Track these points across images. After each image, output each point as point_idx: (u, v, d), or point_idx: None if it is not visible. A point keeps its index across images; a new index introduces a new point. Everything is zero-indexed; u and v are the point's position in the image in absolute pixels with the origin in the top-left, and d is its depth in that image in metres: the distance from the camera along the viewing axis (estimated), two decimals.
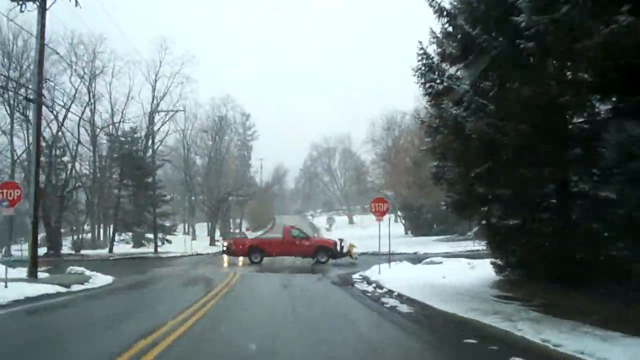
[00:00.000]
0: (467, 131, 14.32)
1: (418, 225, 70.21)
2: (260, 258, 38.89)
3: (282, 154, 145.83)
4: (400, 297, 19.08)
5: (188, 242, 54.74)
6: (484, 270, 22.86)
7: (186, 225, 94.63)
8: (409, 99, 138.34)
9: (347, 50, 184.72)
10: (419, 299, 17.86)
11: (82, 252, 50.95)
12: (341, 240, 41.99)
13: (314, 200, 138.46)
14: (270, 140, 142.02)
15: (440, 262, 31.57)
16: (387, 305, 17.23)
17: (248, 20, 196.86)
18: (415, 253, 45.65)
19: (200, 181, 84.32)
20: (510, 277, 20.72)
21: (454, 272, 25.07)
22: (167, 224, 60.33)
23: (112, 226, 54.26)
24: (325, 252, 38.79)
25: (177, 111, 54.59)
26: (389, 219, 32.52)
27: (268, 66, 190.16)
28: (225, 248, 48.14)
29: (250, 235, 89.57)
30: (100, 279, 25.88)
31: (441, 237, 59.61)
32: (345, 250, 40.63)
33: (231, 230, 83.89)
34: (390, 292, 20.95)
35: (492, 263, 21.67)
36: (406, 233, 75.16)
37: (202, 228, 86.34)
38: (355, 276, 28.27)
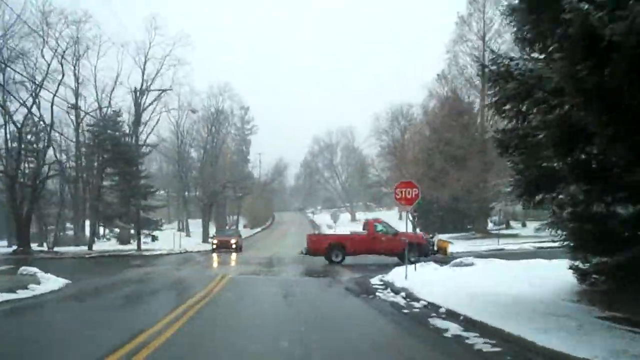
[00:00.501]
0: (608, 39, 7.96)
1: (428, 223, 63.89)
2: (342, 257, 33.00)
3: (282, 150, 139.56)
4: (455, 317, 12.99)
5: (179, 238, 48.48)
6: (543, 275, 18.25)
7: (180, 222, 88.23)
8: (413, 91, 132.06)
9: (348, 42, 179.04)
10: (488, 321, 11.71)
11: (58, 249, 44.76)
12: (431, 236, 36.82)
13: (315, 197, 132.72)
14: (270, 136, 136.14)
15: (472, 264, 25.72)
16: (447, 334, 11.15)
17: (246, 11, 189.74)
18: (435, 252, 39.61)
19: (195, 175, 77.93)
20: (599, 286, 14.75)
21: (498, 276, 19.95)
22: (154, 218, 53.97)
23: (93, 220, 47.79)
24: (418, 250, 31.54)
25: (164, 90, 48.33)
26: (405, 214, 26.58)
27: (267, 60, 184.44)
28: (214, 246, 42.38)
29: (247, 233, 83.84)
30: (50, 284, 20.31)
31: (456, 234, 53.40)
32: (435, 247, 34.92)
33: (227, 227, 77.26)
34: (433, 307, 14.93)
35: (572, 267, 15.59)
36: (414, 231, 68.75)
37: (197, 225, 79.84)
38: (374, 281, 22.41)
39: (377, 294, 18.78)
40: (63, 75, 44.85)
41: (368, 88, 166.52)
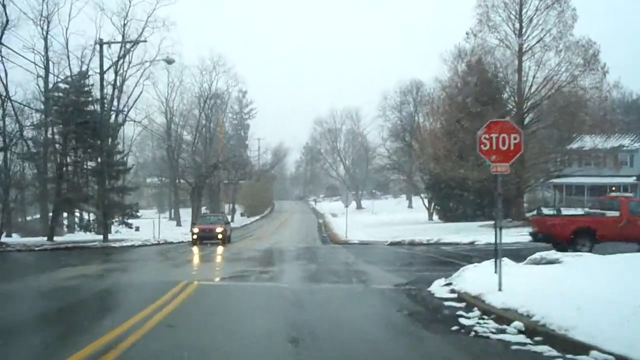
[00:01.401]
0: None
1: (448, 209, 54.58)
2: (590, 246, 22.87)
3: (282, 135, 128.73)
4: None
5: (158, 228, 39.02)
6: None
7: (172, 210, 78.57)
8: (424, 70, 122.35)
9: (353, 19, 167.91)
10: None
11: (8, 240, 35.50)
12: None
13: (317, 185, 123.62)
14: (270, 120, 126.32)
15: (558, 260, 16.77)
16: None
17: None
18: (472, 243, 31.14)
19: (186, 157, 68.36)
20: None
21: (617, 279, 12.48)
22: (132, 203, 44.48)
23: (55, 205, 37.97)
24: None
25: (135, 42, 38.64)
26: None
27: (266, 38, 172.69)
28: (194, 237, 32.79)
29: (244, 221, 74.35)
30: None
31: (482, 222, 44.21)
32: None
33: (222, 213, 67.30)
34: None
35: None
36: (430, 219, 59.77)
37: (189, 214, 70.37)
38: (437, 290, 13.92)
39: (462, 321, 9.91)
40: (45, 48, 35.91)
41: (374, 68, 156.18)
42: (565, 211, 54.02)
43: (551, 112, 41.61)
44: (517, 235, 34.02)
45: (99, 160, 35.81)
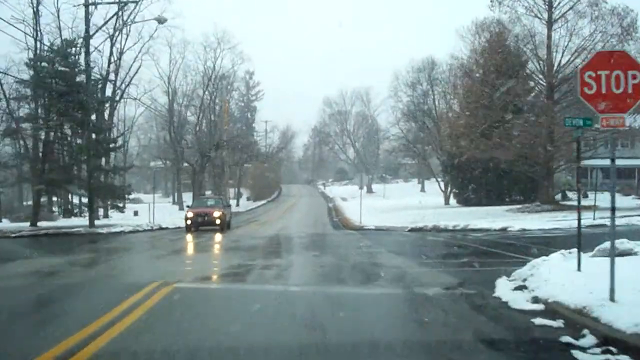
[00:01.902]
0: None
1: (467, 192, 50.38)
2: None
3: (289, 117, 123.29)
4: None
5: (155, 211, 35.00)
6: None
7: (175, 194, 74.37)
8: (436, 48, 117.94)
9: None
10: None
11: None
12: None
13: (325, 169, 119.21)
14: (277, 101, 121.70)
15: (633, 251, 13.58)
16: None
17: None
18: (505, 230, 26.92)
19: (190, 140, 64.22)
20: None
21: None
22: (126, 184, 40.39)
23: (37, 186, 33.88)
24: None
25: (127, 1, 34.31)
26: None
27: (272, 14, 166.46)
28: (188, 222, 28.51)
29: (250, 205, 70.43)
30: None
31: (514, 206, 39.90)
32: None
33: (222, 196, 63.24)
34: None
35: None
36: (447, 203, 55.66)
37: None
38: (510, 297, 9.71)
39: (578, 357, 5.65)
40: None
41: (384, 47, 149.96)
42: (591, 195, 50.30)
43: None
44: (553, 220, 30.11)
45: (86, 135, 31.71)
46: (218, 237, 25.35)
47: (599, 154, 41.46)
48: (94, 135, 32.82)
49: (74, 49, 34.28)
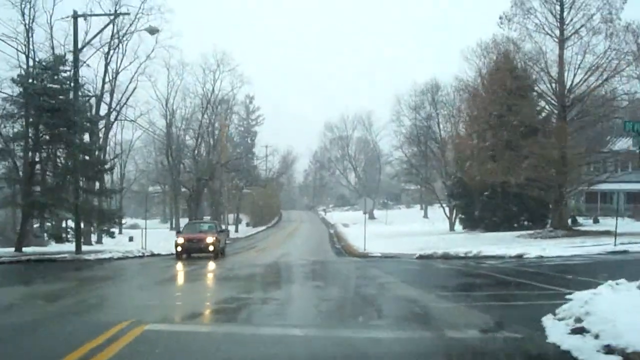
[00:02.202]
0: None
1: (473, 218, 48.21)
2: None
3: (290, 142, 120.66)
4: None
5: (154, 236, 32.98)
6: None
7: (173, 220, 72.16)
8: (439, 72, 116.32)
9: (364, 22, 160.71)
10: None
11: None
12: None
13: (326, 195, 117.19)
14: (277, 126, 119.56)
15: None
16: None
17: None
18: (521, 257, 24.53)
19: (187, 164, 62.25)
20: None
21: None
22: (115, 208, 38.28)
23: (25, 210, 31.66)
24: None
25: (117, 14, 32.50)
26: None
27: (274, 44, 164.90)
28: (179, 248, 26.32)
29: (249, 231, 68.21)
30: None
31: (525, 232, 37.67)
32: None
33: (222, 227, 60.84)
34: None
35: None
36: (452, 229, 53.50)
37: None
38: (568, 340, 7.49)
39: None
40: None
41: (386, 72, 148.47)
42: (602, 220, 48.16)
43: (599, 106, 35.37)
44: (571, 246, 27.95)
45: (74, 156, 29.63)
46: (211, 265, 23.02)
47: (614, 178, 39.59)
48: (84, 157, 30.68)
49: (64, 66, 32.31)
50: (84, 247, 33.88)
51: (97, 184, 38.24)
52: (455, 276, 17.85)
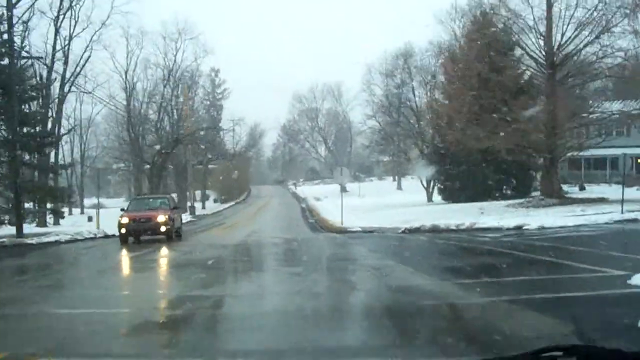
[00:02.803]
0: None
1: (451, 188, 45.15)
2: None
3: (258, 115, 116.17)
4: None
5: (114, 216, 29.02)
6: None
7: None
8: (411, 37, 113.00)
9: None
10: None
11: None
12: None
13: (296, 169, 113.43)
14: (244, 98, 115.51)
15: None
16: None
17: None
18: (520, 228, 22.10)
19: (151, 139, 58.12)
20: None
21: None
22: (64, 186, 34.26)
23: None
24: None
25: None
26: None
27: (239, 10, 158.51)
28: (122, 230, 21.61)
29: (216, 207, 64.56)
30: None
31: (515, 201, 34.63)
32: None
33: (189, 203, 56.85)
34: None
35: None
36: (430, 200, 50.51)
37: None
38: None
39: None
40: None
41: (356, 40, 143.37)
42: (588, 187, 45.54)
43: (591, 63, 32.32)
44: (571, 215, 25.04)
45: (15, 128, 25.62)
46: (163, 250, 18.92)
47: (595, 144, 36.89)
48: (22, 128, 26.74)
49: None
50: (36, 229, 30.28)
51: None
52: (461, 254, 14.61)
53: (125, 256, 17.54)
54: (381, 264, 12.81)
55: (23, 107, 28.45)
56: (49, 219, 38.19)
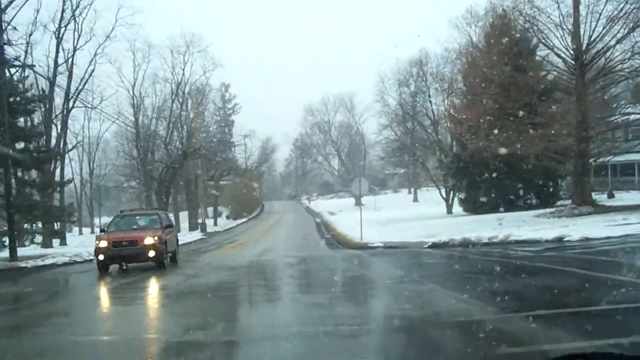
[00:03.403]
0: None
1: (473, 198, 42.64)
2: None
3: (270, 129, 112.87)
4: None
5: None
6: None
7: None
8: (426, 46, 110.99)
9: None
10: None
11: None
12: None
13: (309, 183, 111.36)
14: (255, 114, 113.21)
15: None
16: None
17: None
18: (561, 239, 19.56)
19: (160, 156, 56.35)
20: None
21: None
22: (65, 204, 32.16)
23: None
24: None
25: None
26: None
27: (249, 24, 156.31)
28: (101, 256, 17.05)
29: (228, 224, 62.51)
30: None
31: (544, 210, 32.23)
32: None
33: (200, 220, 54.77)
34: None
35: None
36: (450, 211, 48.11)
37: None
38: None
39: None
40: None
41: (369, 52, 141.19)
42: (617, 195, 43.03)
43: (624, 60, 29.91)
44: (614, 225, 22.56)
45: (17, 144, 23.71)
46: (151, 279, 15.46)
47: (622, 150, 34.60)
48: (14, 143, 24.70)
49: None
50: (34, 251, 28.26)
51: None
52: (511, 274, 12.23)
53: (109, 286, 14.94)
54: (420, 289, 10.50)
55: (19, 120, 26.55)
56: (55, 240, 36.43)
